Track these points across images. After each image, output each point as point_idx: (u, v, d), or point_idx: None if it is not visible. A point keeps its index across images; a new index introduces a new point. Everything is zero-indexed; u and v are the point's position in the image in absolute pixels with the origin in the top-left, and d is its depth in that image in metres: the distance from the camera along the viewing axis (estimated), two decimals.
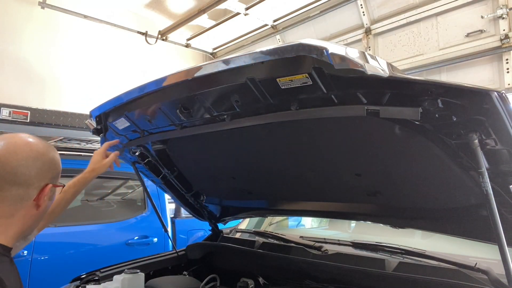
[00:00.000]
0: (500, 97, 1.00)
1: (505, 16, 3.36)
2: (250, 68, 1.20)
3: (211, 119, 1.51)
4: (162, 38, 5.59)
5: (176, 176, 2.17)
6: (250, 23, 5.37)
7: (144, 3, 5.44)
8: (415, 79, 1.07)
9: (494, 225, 1.11)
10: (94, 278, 1.91)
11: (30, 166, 1.03)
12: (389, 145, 1.39)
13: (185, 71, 1.36)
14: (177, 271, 2.21)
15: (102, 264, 2.07)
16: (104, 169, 1.66)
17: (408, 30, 4.09)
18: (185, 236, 3.95)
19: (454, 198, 1.46)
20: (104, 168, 1.65)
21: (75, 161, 3.31)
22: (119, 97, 1.63)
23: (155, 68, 5.55)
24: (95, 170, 1.63)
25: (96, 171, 1.63)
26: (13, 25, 4.71)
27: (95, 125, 1.87)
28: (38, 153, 1.07)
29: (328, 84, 1.14)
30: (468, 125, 1.10)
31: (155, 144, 1.95)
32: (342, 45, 1.03)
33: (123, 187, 3.78)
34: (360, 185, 1.67)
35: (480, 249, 1.63)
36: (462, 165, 1.25)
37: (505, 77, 3.43)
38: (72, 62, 5.18)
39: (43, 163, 1.07)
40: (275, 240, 2.22)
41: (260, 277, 1.98)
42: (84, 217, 3.28)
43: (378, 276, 1.61)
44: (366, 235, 2.41)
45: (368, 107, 1.15)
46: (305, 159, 1.69)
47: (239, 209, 2.41)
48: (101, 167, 1.65)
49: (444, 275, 1.47)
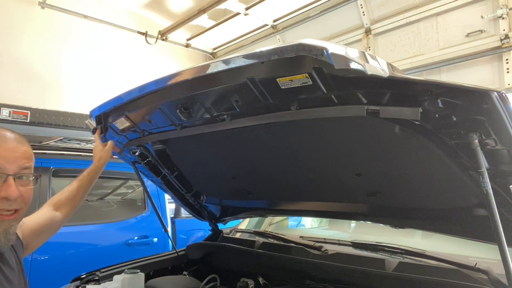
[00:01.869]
0: (500, 97, 1.00)
1: (505, 16, 3.36)
2: (250, 68, 1.20)
3: (211, 119, 1.51)
4: (162, 38, 5.59)
5: (176, 176, 2.17)
6: (250, 23, 5.36)
7: (144, 3, 5.44)
8: (415, 79, 1.07)
9: (494, 225, 1.11)
10: (94, 278, 1.91)
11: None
12: (389, 145, 1.39)
13: (185, 71, 1.36)
14: (177, 271, 2.21)
15: (102, 264, 2.07)
16: (108, 155, 1.84)
17: (408, 30, 4.09)
18: (185, 236, 3.95)
19: (454, 198, 1.46)
20: (108, 153, 1.84)
21: (75, 161, 3.32)
22: (119, 97, 1.63)
23: (155, 68, 5.54)
24: (102, 157, 1.82)
25: (104, 158, 1.82)
26: (13, 25, 4.70)
27: (95, 125, 1.87)
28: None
29: (328, 84, 1.14)
30: (468, 125, 1.10)
31: (155, 144, 1.95)
32: (342, 45, 1.03)
33: (123, 187, 3.79)
34: (360, 185, 1.67)
35: (480, 249, 1.63)
36: (462, 165, 1.25)
37: (505, 77, 3.43)
38: (72, 62, 5.18)
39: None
40: (275, 240, 2.22)
41: (260, 277, 1.98)
42: (84, 217, 3.28)
43: (378, 276, 1.61)
44: (366, 235, 2.41)
45: (368, 107, 1.15)
46: (305, 159, 1.69)
47: (239, 209, 2.41)
48: (105, 153, 1.83)
49: (444, 275, 1.47)
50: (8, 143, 1.15)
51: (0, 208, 1.10)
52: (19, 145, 1.17)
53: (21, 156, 1.15)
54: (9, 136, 1.18)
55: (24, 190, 1.15)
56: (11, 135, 1.18)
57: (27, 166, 1.17)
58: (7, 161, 1.11)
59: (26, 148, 1.19)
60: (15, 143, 1.16)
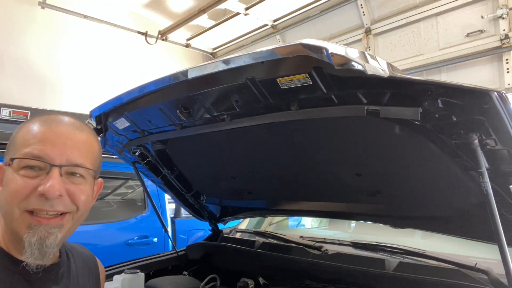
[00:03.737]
0: (500, 97, 1.00)
1: (505, 16, 3.37)
2: (250, 68, 1.20)
3: (211, 119, 1.51)
4: (162, 38, 5.59)
5: (176, 176, 2.17)
6: (250, 23, 5.37)
7: (144, 3, 5.45)
8: (415, 79, 1.07)
9: (494, 225, 1.11)
10: None
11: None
12: (389, 145, 1.39)
13: (185, 71, 1.36)
14: (177, 271, 2.21)
15: (102, 264, 2.06)
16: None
17: (408, 30, 4.09)
18: (185, 236, 3.95)
19: (454, 198, 1.46)
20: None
21: None
22: (119, 97, 1.63)
23: (155, 68, 5.55)
24: None
25: None
26: (13, 25, 4.71)
27: (95, 125, 1.87)
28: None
29: (328, 84, 1.14)
30: (468, 125, 1.10)
31: (155, 144, 1.95)
32: (342, 45, 1.03)
33: (123, 187, 3.78)
34: (360, 185, 1.67)
35: (480, 249, 1.63)
36: (462, 165, 1.25)
37: (505, 77, 3.43)
38: (72, 62, 5.19)
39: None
40: (275, 240, 2.22)
41: (260, 277, 1.98)
42: None
43: (378, 276, 1.61)
44: (366, 235, 2.41)
45: (368, 107, 1.14)
46: (305, 159, 1.69)
47: (239, 209, 2.41)
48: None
49: (444, 275, 1.47)
50: (61, 127, 0.88)
51: (38, 207, 0.82)
52: (76, 132, 0.89)
53: (74, 146, 0.87)
54: (66, 120, 0.90)
55: (75, 189, 0.87)
56: (69, 120, 0.91)
57: (81, 164, 0.87)
58: (55, 150, 0.84)
59: (84, 137, 0.90)
60: (71, 128, 0.89)
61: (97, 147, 0.95)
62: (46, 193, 0.81)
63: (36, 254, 0.82)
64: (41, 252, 0.82)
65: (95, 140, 0.96)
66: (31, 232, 0.82)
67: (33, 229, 0.82)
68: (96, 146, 0.95)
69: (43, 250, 0.82)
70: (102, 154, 1.00)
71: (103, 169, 0.98)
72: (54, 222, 0.84)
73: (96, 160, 0.94)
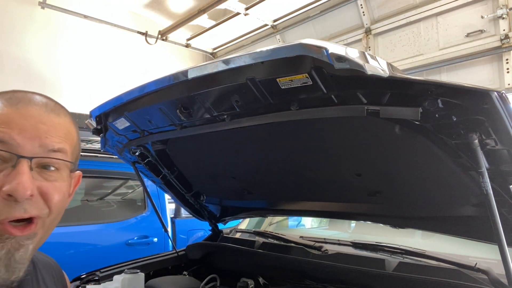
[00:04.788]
0: (500, 97, 1.00)
1: (505, 16, 3.37)
2: (250, 68, 1.20)
3: (211, 119, 1.51)
4: (162, 38, 5.60)
5: (176, 176, 2.17)
6: (250, 23, 5.37)
7: (144, 3, 5.45)
8: (415, 79, 1.07)
9: (494, 225, 1.11)
10: (94, 278, 1.91)
11: None
12: (389, 145, 1.39)
13: (185, 71, 1.36)
14: (177, 271, 2.21)
15: (102, 264, 2.07)
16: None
17: (408, 30, 4.09)
18: (185, 236, 3.95)
19: (454, 198, 1.46)
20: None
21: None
22: (119, 97, 1.63)
23: (155, 68, 5.56)
24: None
25: None
26: (13, 25, 4.71)
27: (95, 125, 1.87)
28: None
29: (328, 84, 1.14)
30: (468, 125, 1.10)
31: (155, 144, 1.95)
32: (342, 45, 1.03)
33: (123, 187, 3.78)
34: (361, 185, 1.67)
35: (480, 249, 1.63)
36: (462, 165, 1.25)
37: (505, 77, 3.44)
38: (72, 62, 5.19)
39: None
40: (275, 240, 2.22)
41: (260, 277, 1.98)
42: (84, 217, 3.28)
43: (378, 276, 1.61)
44: (366, 235, 2.41)
45: (368, 107, 1.14)
46: (305, 159, 1.69)
47: (239, 209, 2.41)
48: None
49: (444, 275, 1.47)
50: (31, 107, 0.69)
51: (4, 215, 0.63)
52: (50, 115, 0.71)
53: (49, 131, 0.68)
54: (37, 99, 0.72)
55: (48, 186, 0.68)
56: (41, 99, 0.73)
57: (58, 149, 0.69)
58: (24, 134, 0.65)
59: (61, 121, 0.72)
60: (43, 110, 0.70)
61: (75, 134, 0.77)
62: (14, 192, 0.62)
63: (2, 271, 0.64)
64: (9, 269, 0.64)
65: (73, 125, 0.77)
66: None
67: (0, 240, 0.64)
68: (74, 133, 0.77)
69: (12, 267, 0.65)
70: (102, 154, 0.97)
71: (103, 169, 0.96)
72: (26, 231, 0.66)
73: (75, 149, 0.76)
